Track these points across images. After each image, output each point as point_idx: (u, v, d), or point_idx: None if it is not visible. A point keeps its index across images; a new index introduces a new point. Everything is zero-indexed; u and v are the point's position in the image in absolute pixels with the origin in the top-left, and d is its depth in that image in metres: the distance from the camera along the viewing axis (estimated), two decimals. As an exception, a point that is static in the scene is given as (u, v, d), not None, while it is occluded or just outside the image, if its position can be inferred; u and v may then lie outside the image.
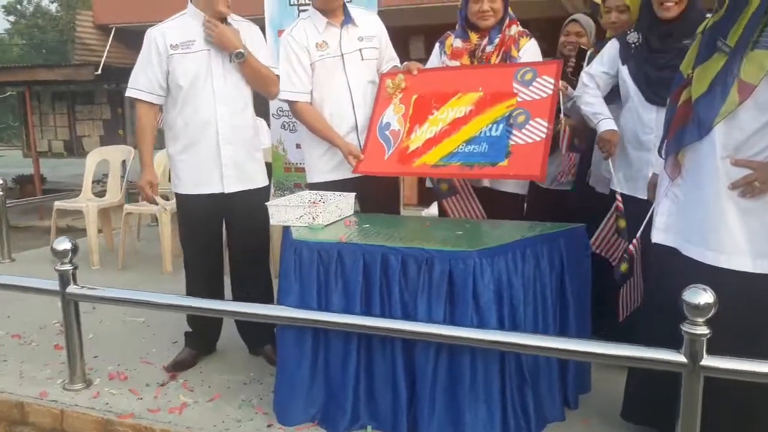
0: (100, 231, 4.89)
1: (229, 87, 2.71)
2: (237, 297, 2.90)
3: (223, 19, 2.71)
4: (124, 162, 5.35)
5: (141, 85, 2.69)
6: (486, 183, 2.80)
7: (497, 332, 2.00)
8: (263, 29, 3.42)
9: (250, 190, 2.80)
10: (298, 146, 3.74)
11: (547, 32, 2.81)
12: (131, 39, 8.53)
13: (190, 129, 2.71)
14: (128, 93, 2.73)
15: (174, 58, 2.66)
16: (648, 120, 2.47)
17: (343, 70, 2.79)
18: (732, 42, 1.79)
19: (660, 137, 2.42)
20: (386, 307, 2.14)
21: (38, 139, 10.18)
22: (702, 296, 1.73)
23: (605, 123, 2.57)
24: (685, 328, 1.77)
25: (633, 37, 2.52)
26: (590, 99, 2.64)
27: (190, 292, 2.87)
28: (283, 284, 2.30)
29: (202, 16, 2.66)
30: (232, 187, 2.76)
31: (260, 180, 2.87)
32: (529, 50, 2.76)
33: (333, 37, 2.78)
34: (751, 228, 1.82)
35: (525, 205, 3.01)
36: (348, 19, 2.81)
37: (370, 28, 2.88)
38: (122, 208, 4.75)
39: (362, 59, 2.83)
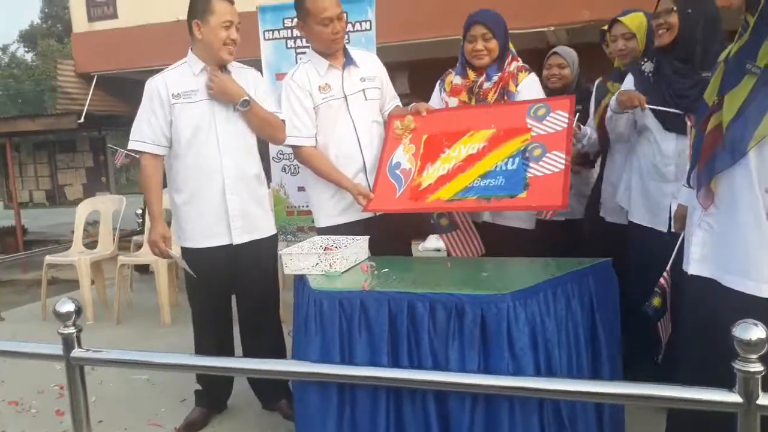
0: (92, 283, 4.74)
1: (233, 136, 2.63)
2: (247, 349, 2.79)
3: (223, 67, 2.64)
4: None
5: (145, 136, 2.60)
6: (486, 217, 2.74)
7: (537, 379, 1.90)
8: (260, 71, 3.37)
9: (258, 239, 2.71)
10: (300, 189, 3.67)
11: (529, 63, 2.83)
12: (113, 86, 8.47)
13: (194, 180, 2.62)
14: (132, 146, 2.63)
15: (176, 108, 2.58)
16: (667, 150, 2.44)
17: (347, 111, 2.74)
18: (762, 63, 1.75)
19: (680, 167, 2.39)
20: (415, 358, 2.04)
21: (19, 190, 10.00)
22: (754, 331, 1.65)
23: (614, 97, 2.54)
24: (738, 365, 1.68)
25: (648, 66, 2.50)
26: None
27: (200, 348, 2.75)
28: (302, 338, 2.19)
29: (202, 65, 2.59)
30: (240, 238, 2.66)
31: (268, 228, 2.78)
32: (528, 85, 2.74)
33: (335, 79, 2.73)
34: None
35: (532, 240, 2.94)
36: (349, 61, 2.76)
37: (371, 68, 2.84)
38: (115, 260, 4.61)
39: (366, 99, 2.78)
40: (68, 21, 8.95)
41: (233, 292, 2.80)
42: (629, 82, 2.57)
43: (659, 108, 2.42)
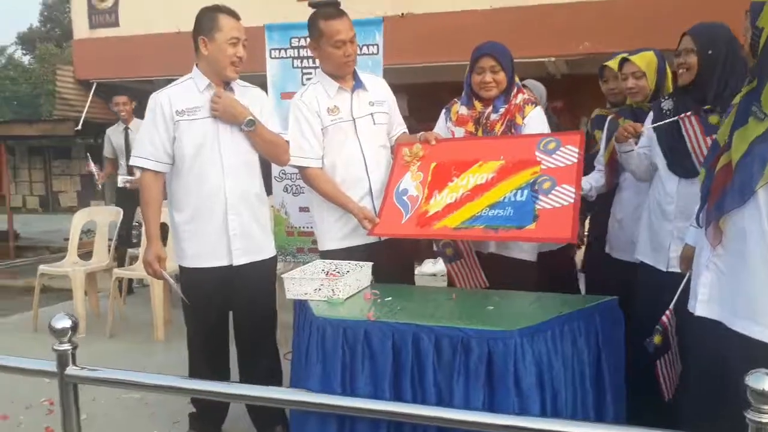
0: (84, 294, 4.68)
1: (237, 155, 2.61)
2: (244, 371, 2.76)
3: (227, 84, 2.62)
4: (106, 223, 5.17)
5: (147, 153, 2.57)
6: (492, 248, 2.73)
7: (543, 420, 1.86)
8: (265, 88, 3.38)
9: (258, 261, 2.68)
10: (302, 210, 3.65)
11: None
12: (113, 94, 8.44)
13: (196, 198, 2.59)
14: (133, 162, 2.60)
15: (180, 125, 2.55)
16: (670, 189, 2.43)
17: (355, 134, 2.73)
18: (766, 108, 1.76)
19: (680, 207, 2.39)
20: (418, 392, 2.00)
21: (12, 195, 9.92)
22: (767, 381, 1.64)
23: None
24: (750, 415, 1.66)
25: (667, 104, 2.49)
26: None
27: (194, 369, 2.70)
28: (302, 365, 2.16)
29: (207, 81, 2.58)
30: (240, 259, 2.63)
31: (268, 250, 2.75)
32: (534, 118, 2.75)
33: (344, 101, 2.73)
34: None
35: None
36: (359, 84, 2.77)
37: (380, 92, 2.84)
38: (110, 272, 4.56)
39: (374, 123, 2.78)
40: (67, 25, 8.96)
41: (230, 312, 2.77)
42: (650, 119, 2.57)
43: (658, 124, 2.44)
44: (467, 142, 2.75)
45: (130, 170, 5.53)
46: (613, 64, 2.92)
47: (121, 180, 5.42)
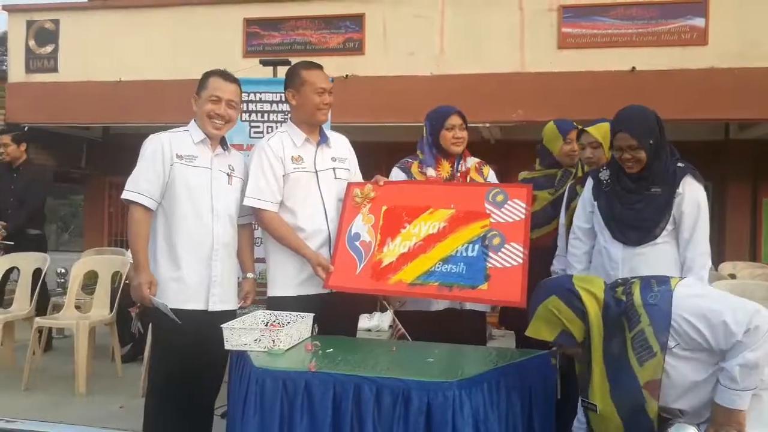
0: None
1: (226, 206, 2.72)
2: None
3: (222, 140, 2.76)
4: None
5: (142, 188, 2.60)
6: (446, 305, 2.80)
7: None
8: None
9: (227, 311, 2.71)
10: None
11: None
12: (44, 139, 8.24)
13: (184, 242, 2.63)
14: (127, 195, 2.59)
15: (176, 168, 2.63)
16: (615, 256, 2.50)
17: (317, 185, 2.81)
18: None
19: (625, 274, 2.44)
20: (357, 444, 2.00)
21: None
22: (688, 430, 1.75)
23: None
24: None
25: (605, 174, 2.60)
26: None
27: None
28: (238, 418, 2.13)
29: (202, 137, 2.70)
30: (216, 305, 2.67)
31: (235, 302, 2.82)
32: (493, 178, 3.04)
33: (308, 153, 2.82)
34: None
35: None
36: (324, 139, 2.88)
37: (343, 151, 2.97)
38: (31, 321, 4.33)
39: (335, 178, 2.87)
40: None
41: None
42: (589, 185, 2.68)
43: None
44: (416, 186, 2.84)
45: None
46: (593, 131, 2.92)
47: None
